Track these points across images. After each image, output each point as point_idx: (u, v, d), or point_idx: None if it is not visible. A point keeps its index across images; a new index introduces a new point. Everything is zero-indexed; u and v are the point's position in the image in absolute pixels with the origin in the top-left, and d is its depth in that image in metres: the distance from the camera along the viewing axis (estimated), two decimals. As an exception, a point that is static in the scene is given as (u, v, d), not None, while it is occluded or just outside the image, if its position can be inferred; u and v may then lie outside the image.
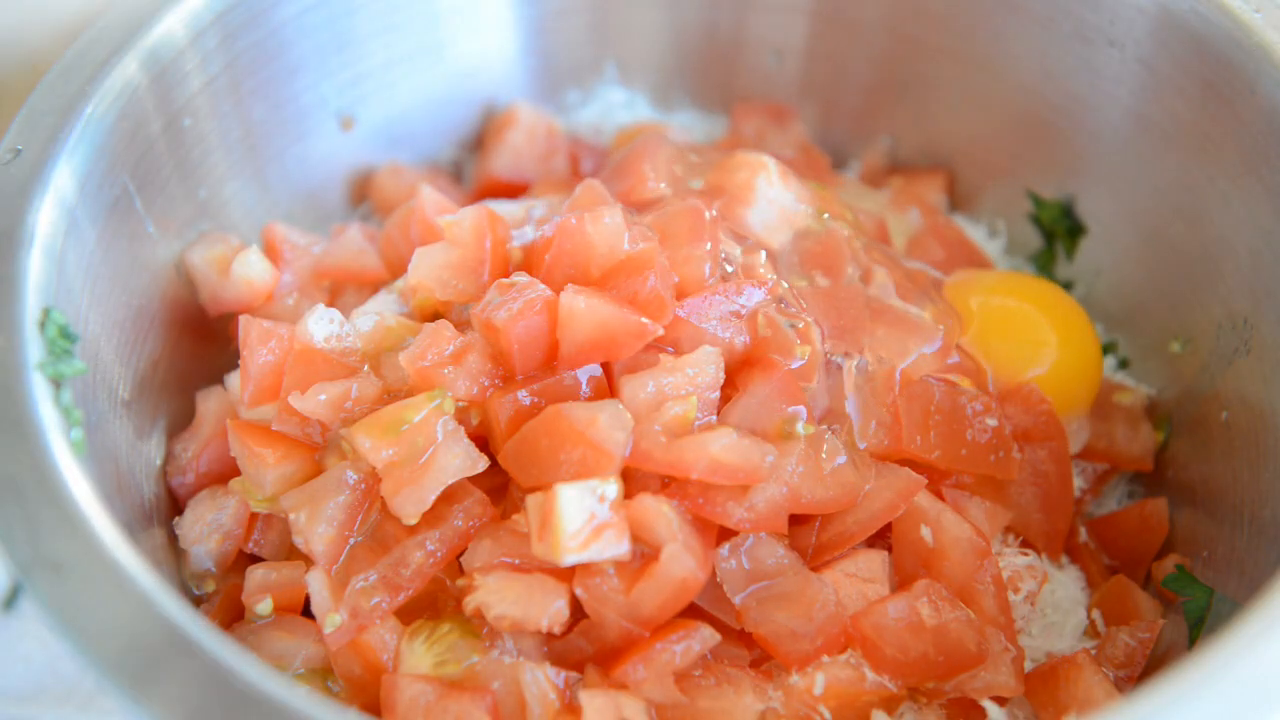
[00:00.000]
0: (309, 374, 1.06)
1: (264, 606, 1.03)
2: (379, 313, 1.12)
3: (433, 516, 1.00)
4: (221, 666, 0.75)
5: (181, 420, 1.17)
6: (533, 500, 0.97)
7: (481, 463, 1.01)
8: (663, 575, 0.94)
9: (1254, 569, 1.04)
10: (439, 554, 1.00)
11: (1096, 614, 1.13)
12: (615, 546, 0.94)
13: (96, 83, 1.05)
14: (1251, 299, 1.14)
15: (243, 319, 1.09)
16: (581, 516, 0.93)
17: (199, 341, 1.22)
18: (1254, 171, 1.12)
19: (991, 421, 1.13)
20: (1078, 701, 1.00)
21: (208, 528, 1.08)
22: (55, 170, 0.99)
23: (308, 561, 1.02)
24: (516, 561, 0.98)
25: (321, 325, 1.08)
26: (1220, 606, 1.08)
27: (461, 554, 1.01)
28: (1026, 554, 1.12)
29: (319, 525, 1.00)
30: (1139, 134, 1.26)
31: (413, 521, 0.99)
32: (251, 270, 1.18)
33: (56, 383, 0.90)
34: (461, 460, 1.00)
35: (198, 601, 1.09)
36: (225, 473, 1.12)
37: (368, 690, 0.99)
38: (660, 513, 0.95)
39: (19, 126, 1.02)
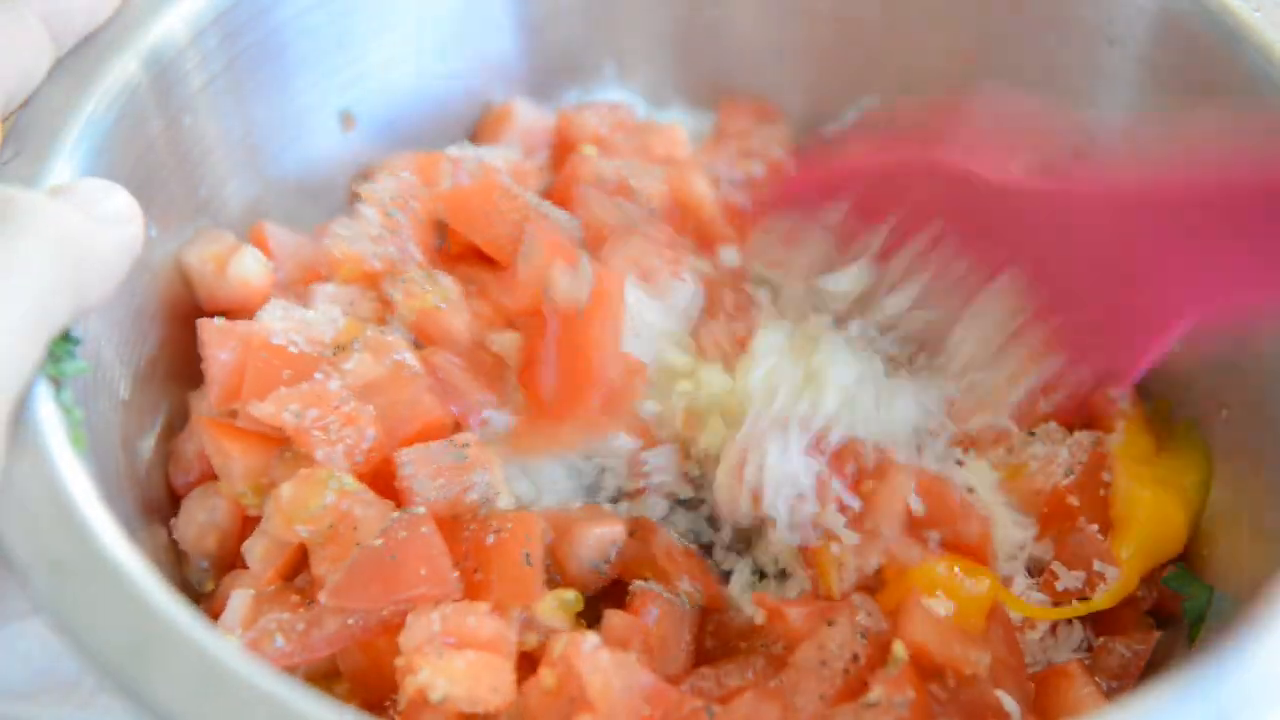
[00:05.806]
0: (269, 370, 1.06)
1: (263, 606, 1.03)
2: (332, 303, 1.13)
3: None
4: (221, 666, 0.75)
5: (181, 419, 1.17)
6: None
7: None
8: None
9: (1254, 569, 1.04)
10: (358, 631, 0.94)
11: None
12: None
13: (96, 82, 1.05)
14: (1251, 299, 1.13)
15: (198, 321, 1.09)
16: None
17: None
18: (1254, 171, 1.12)
19: None
20: (1067, 710, 1.00)
21: (201, 527, 1.08)
22: (55, 170, 0.99)
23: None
24: (453, 640, 0.92)
25: (276, 320, 1.07)
26: (1220, 606, 1.08)
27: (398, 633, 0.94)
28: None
29: (260, 538, 1.00)
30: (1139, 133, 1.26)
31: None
32: (247, 270, 1.18)
33: (57, 382, 0.90)
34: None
35: (198, 600, 1.09)
36: (224, 472, 1.12)
37: (370, 688, 0.99)
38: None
39: (19, 126, 1.02)
